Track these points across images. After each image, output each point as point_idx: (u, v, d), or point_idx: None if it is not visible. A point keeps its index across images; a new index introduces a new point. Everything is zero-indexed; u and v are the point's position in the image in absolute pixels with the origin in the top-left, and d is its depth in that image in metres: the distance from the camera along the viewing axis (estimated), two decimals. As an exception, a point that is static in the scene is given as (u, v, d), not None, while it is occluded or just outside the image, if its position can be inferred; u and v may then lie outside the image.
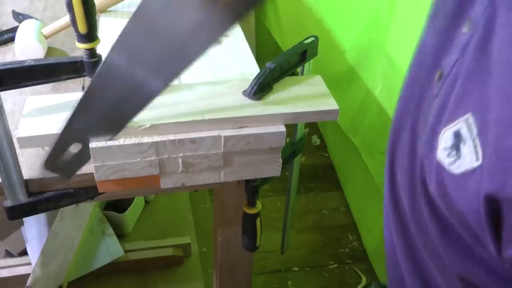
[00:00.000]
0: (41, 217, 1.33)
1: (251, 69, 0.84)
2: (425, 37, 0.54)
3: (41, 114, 0.66)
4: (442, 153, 0.42)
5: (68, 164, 0.60)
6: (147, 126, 0.62)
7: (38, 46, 0.90)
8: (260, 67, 0.76)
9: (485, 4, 0.40)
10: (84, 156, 0.60)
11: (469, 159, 0.39)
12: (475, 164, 0.38)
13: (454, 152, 0.40)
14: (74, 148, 0.58)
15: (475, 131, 0.38)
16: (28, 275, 1.21)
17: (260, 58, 0.89)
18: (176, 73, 0.49)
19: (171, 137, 0.64)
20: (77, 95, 0.71)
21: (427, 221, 0.48)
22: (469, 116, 0.39)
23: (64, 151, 0.58)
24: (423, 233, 0.49)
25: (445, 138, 0.41)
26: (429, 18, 0.54)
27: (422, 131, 0.47)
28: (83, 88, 0.82)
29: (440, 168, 0.42)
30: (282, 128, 0.67)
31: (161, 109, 0.65)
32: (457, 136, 0.40)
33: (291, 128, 0.82)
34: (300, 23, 1.80)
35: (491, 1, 0.40)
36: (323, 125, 2.06)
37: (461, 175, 0.39)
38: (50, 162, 0.58)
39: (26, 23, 0.94)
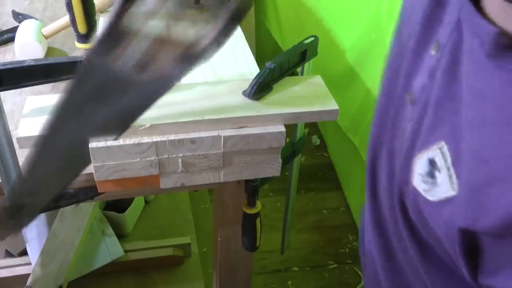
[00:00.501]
0: (41, 217, 1.33)
1: (251, 69, 0.84)
2: (393, 52, 0.53)
3: (41, 114, 0.66)
4: (417, 180, 0.41)
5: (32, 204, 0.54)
6: (147, 126, 0.62)
7: (38, 46, 0.90)
8: (260, 67, 0.76)
9: (451, 27, 0.40)
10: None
11: (444, 188, 0.38)
12: (451, 193, 0.38)
13: (429, 180, 0.40)
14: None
15: (449, 160, 0.38)
16: (28, 275, 1.21)
17: (260, 58, 0.89)
18: None
19: (171, 137, 0.64)
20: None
21: (407, 240, 0.47)
22: (442, 144, 0.39)
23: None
24: (404, 249, 0.49)
25: (420, 164, 0.41)
26: (397, 30, 0.53)
27: (398, 155, 0.46)
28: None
29: (416, 193, 0.42)
30: (282, 128, 0.67)
31: (161, 109, 0.65)
32: (432, 163, 0.40)
33: (291, 128, 0.82)
34: (300, 23, 1.80)
35: (456, 24, 0.39)
36: (323, 125, 2.06)
37: (437, 203, 0.39)
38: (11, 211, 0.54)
39: (26, 23, 0.94)
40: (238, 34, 0.96)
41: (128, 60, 0.40)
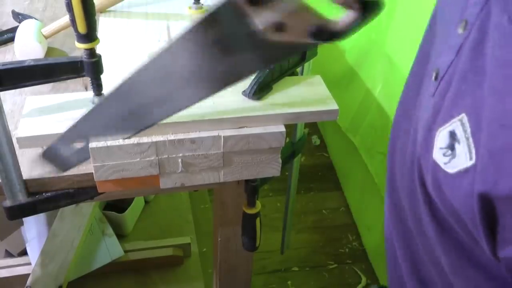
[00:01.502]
0: (40, 217, 1.33)
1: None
2: (425, 37, 0.54)
3: (41, 114, 0.66)
4: (438, 153, 0.42)
5: (67, 159, 0.60)
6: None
7: (37, 46, 0.90)
8: (260, 67, 0.76)
9: (480, 6, 0.41)
10: (84, 152, 0.61)
11: (463, 158, 0.39)
12: (469, 163, 0.38)
13: (449, 152, 0.41)
14: (78, 145, 0.58)
15: (468, 130, 0.39)
16: (28, 275, 1.21)
17: (259, 58, 0.89)
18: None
19: (171, 137, 0.64)
20: (77, 95, 0.71)
21: (426, 221, 0.48)
22: (463, 116, 0.39)
23: (68, 146, 0.58)
24: (422, 234, 0.49)
25: (441, 138, 0.42)
26: (430, 19, 0.54)
27: (419, 130, 0.47)
28: (86, 88, 0.82)
29: (436, 167, 0.42)
30: (282, 128, 0.67)
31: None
32: (452, 136, 0.40)
33: (291, 128, 0.82)
34: (300, 23, 1.80)
35: (486, 3, 0.40)
36: (323, 125, 2.06)
37: (456, 174, 0.40)
38: (50, 153, 0.58)
39: (25, 23, 0.94)
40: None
41: (266, 18, 0.41)
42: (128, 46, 0.82)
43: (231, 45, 0.45)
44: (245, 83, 0.70)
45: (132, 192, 0.86)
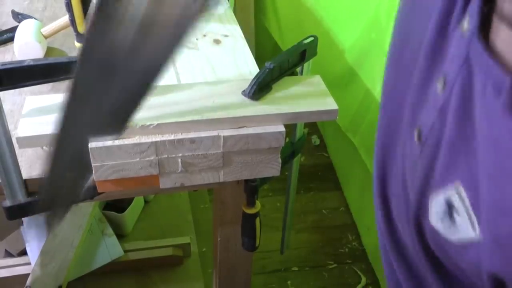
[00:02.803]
0: (40, 217, 1.33)
1: (251, 69, 0.84)
2: (391, 80, 0.51)
3: (41, 114, 0.66)
4: (435, 219, 0.40)
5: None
6: (155, 124, 0.62)
7: (37, 46, 0.90)
8: (260, 67, 0.76)
9: (459, 62, 0.37)
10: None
11: (465, 230, 0.37)
12: (473, 237, 0.36)
13: (448, 220, 0.38)
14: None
15: (467, 203, 0.36)
16: (27, 275, 1.21)
17: (259, 58, 0.89)
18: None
19: (171, 137, 0.64)
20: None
21: (423, 263, 0.45)
22: (459, 186, 0.37)
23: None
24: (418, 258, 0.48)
25: (436, 203, 0.40)
26: (392, 57, 0.50)
27: (411, 191, 0.44)
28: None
29: (435, 231, 0.40)
30: (281, 128, 0.67)
31: (160, 109, 0.65)
32: (449, 204, 0.38)
33: (290, 128, 0.82)
34: (300, 23, 1.80)
35: (465, 59, 0.36)
36: (322, 125, 2.06)
37: (459, 244, 0.38)
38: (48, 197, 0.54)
39: (25, 23, 0.94)
40: (237, 34, 0.96)
41: (128, 26, 0.39)
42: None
43: (112, 67, 0.42)
44: (245, 83, 0.70)
45: (132, 192, 0.86)
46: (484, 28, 0.35)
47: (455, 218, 0.38)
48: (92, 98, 0.45)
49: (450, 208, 0.38)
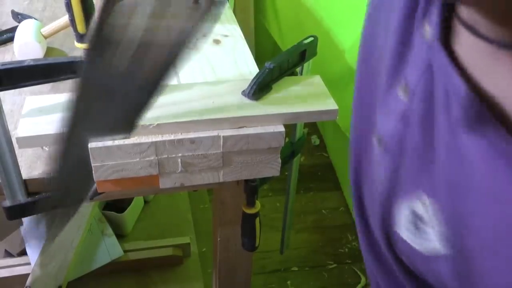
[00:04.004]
0: (41, 220, 1.33)
1: (250, 69, 0.84)
2: (360, 83, 0.50)
3: (40, 114, 0.66)
4: (402, 228, 0.39)
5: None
6: (155, 124, 0.62)
7: (37, 46, 0.90)
8: (259, 67, 0.76)
9: (421, 69, 0.36)
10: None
11: (432, 242, 0.36)
12: (438, 245, 0.35)
13: (414, 230, 0.38)
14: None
15: (431, 212, 0.35)
16: (27, 275, 1.21)
17: (259, 58, 0.90)
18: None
19: (170, 137, 0.64)
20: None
21: (397, 269, 0.45)
22: (423, 195, 0.36)
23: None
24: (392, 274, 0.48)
25: (402, 213, 0.39)
26: (360, 62, 0.49)
27: (376, 198, 0.44)
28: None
29: (402, 240, 0.40)
30: (281, 128, 0.67)
31: (160, 109, 0.65)
32: (415, 214, 0.37)
33: (290, 128, 0.82)
34: (300, 23, 1.80)
35: (427, 65, 0.35)
36: (322, 125, 2.06)
37: (427, 256, 0.37)
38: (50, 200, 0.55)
39: (25, 23, 0.94)
40: (237, 34, 0.96)
41: (125, 50, 0.40)
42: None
43: (110, 93, 0.44)
44: (245, 83, 0.70)
45: (132, 192, 0.86)
46: (446, 34, 0.34)
47: (421, 229, 0.37)
48: (95, 108, 0.46)
49: (415, 217, 0.37)
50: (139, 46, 0.38)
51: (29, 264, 1.25)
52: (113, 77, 0.42)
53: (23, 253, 1.33)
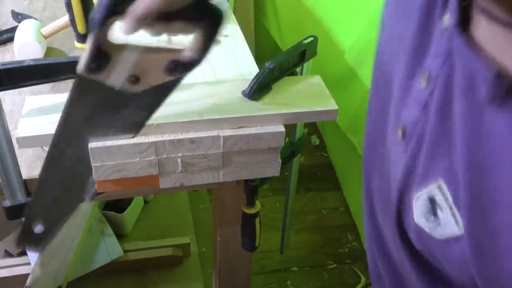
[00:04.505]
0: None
1: (250, 69, 0.84)
2: (376, 78, 0.51)
3: (40, 114, 0.66)
4: (420, 218, 0.40)
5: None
6: (155, 125, 0.62)
7: (37, 46, 0.90)
8: (259, 67, 0.76)
9: (442, 58, 0.37)
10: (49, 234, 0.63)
11: (450, 227, 0.37)
12: (458, 232, 0.36)
13: (432, 218, 0.38)
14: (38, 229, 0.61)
15: (450, 199, 0.36)
16: (27, 275, 1.21)
17: (259, 58, 0.89)
18: None
19: (170, 137, 0.64)
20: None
21: (403, 259, 0.45)
22: (441, 182, 0.37)
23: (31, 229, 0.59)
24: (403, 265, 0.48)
25: (420, 202, 0.39)
26: (377, 56, 0.50)
27: (393, 189, 0.44)
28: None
29: (419, 230, 0.40)
30: (281, 128, 0.67)
31: (160, 109, 0.65)
32: (432, 201, 0.38)
33: (290, 128, 0.82)
34: (299, 23, 1.80)
35: (448, 54, 0.36)
36: (322, 125, 2.06)
37: (444, 241, 0.38)
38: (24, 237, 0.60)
39: (25, 23, 0.94)
40: (237, 34, 0.96)
41: (120, 74, 0.42)
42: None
43: (111, 105, 0.47)
44: (245, 83, 0.70)
45: (132, 192, 0.86)
46: (464, 22, 0.35)
47: (439, 216, 0.38)
48: (90, 125, 0.49)
49: (433, 205, 0.38)
50: (142, 53, 0.41)
51: (29, 264, 1.25)
52: (114, 85, 0.43)
53: (23, 253, 1.33)
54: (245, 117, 0.66)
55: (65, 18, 0.90)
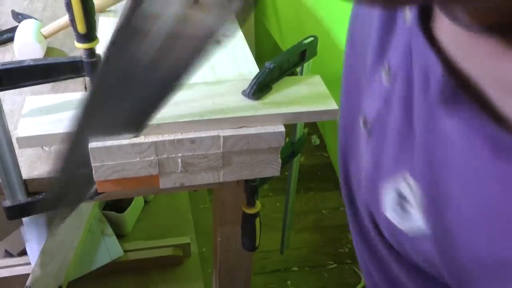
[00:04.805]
0: (40, 218, 1.33)
1: (251, 69, 0.84)
2: (347, 60, 0.51)
3: (41, 114, 0.66)
4: (388, 210, 0.40)
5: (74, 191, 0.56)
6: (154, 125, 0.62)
7: (37, 46, 0.90)
8: (260, 67, 0.76)
9: (402, 51, 0.36)
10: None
11: (418, 222, 0.37)
12: (423, 226, 0.36)
13: (401, 211, 0.38)
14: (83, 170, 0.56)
15: (418, 194, 0.36)
16: (27, 275, 1.21)
17: (259, 58, 0.90)
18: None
19: (171, 137, 0.64)
20: (77, 95, 0.71)
21: (384, 252, 0.46)
22: (407, 175, 0.37)
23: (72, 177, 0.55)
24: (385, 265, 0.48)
25: (388, 195, 0.39)
26: (348, 40, 0.50)
27: (362, 179, 0.44)
28: (86, 88, 0.82)
29: (389, 223, 0.40)
30: (282, 128, 0.67)
31: (160, 109, 0.65)
32: (400, 195, 0.38)
33: (290, 128, 0.82)
34: (300, 23, 1.80)
35: (408, 47, 0.36)
36: (322, 125, 2.06)
37: (413, 237, 0.37)
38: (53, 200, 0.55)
39: (25, 23, 0.94)
40: (237, 34, 0.96)
41: (153, 41, 0.39)
42: (128, 46, 0.82)
43: (129, 82, 0.42)
44: (245, 83, 0.70)
45: (132, 192, 0.86)
46: (427, 18, 0.34)
47: (407, 210, 0.37)
48: (111, 102, 0.45)
49: (401, 199, 0.38)
50: (168, 38, 0.36)
51: (29, 264, 1.25)
52: (135, 69, 0.41)
53: (23, 253, 1.33)
54: (245, 117, 0.66)
55: (65, 18, 0.90)
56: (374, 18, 0.41)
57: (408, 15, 0.36)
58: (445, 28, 0.33)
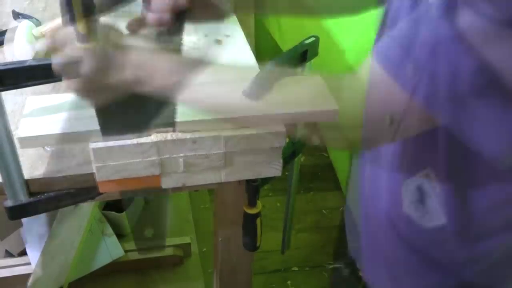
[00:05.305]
0: (40, 217, 1.33)
1: (251, 69, 0.84)
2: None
3: (42, 114, 0.66)
4: (409, 207, 0.40)
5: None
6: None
7: (27, 47, 0.90)
8: (259, 67, 0.76)
9: (428, 47, 0.37)
10: None
11: (438, 214, 0.38)
12: (445, 220, 0.37)
13: (421, 206, 0.39)
14: None
15: (437, 187, 0.37)
16: (28, 275, 1.21)
17: (259, 58, 0.89)
18: None
19: (172, 137, 0.64)
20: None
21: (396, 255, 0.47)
22: (428, 171, 0.38)
23: None
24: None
25: (409, 192, 0.40)
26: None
27: (382, 174, 0.45)
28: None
29: (409, 220, 0.41)
30: (282, 128, 0.67)
31: (161, 109, 0.65)
32: (420, 190, 0.39)
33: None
34: (300, 23, 1.80)
35: (434, 45, 0.37)
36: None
37: (433, 229, 0.39)
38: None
39: (21, 24, 0.95)
40: (238, 34, 0.96)
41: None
42: (129, 46, 0.82)
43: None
44: (246, 83, 0.70)
45: (134, 192, 0.86)
46: (452, 12, 0.35)
47: (427, 203, 0.39)
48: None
49: (421, 194, 0.39)
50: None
51: (29, 264, 1.25)
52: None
53: (23, 253, 1.33)
54: (246, 117, 0.66)
55: (57, 20, 0.91)
56: (402, 14, 0.42)
57: (433, 10, 0.36)
58: (468, 21, 0.33)
